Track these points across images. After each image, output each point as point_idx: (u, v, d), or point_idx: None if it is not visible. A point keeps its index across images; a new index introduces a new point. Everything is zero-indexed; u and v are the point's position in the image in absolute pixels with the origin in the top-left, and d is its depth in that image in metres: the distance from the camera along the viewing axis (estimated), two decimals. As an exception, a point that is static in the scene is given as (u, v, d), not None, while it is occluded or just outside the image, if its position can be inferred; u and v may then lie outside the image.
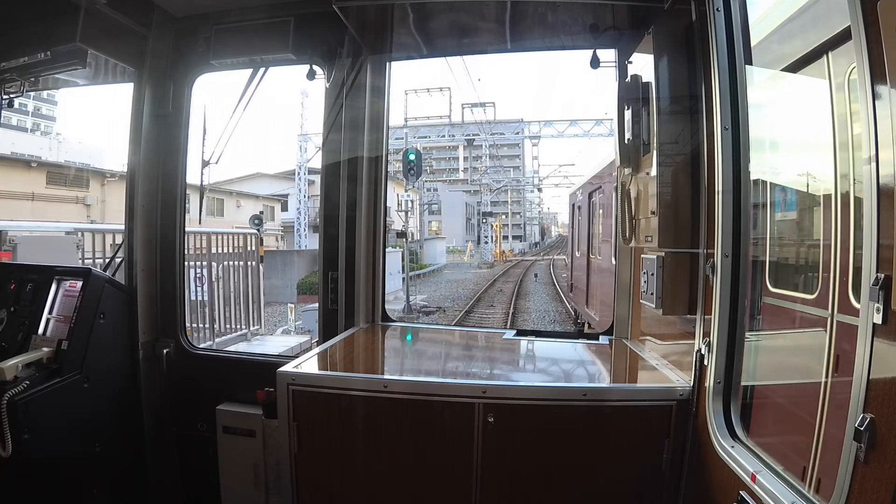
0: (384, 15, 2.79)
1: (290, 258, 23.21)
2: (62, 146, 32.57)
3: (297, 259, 23.20)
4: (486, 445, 2.01)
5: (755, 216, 1.84)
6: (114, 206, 21.93)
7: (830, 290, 2.38)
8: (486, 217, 43.41)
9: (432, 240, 39.92)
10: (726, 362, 1.84)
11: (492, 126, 31.25)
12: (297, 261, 22.83)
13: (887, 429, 1.11)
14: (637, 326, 2.80)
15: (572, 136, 28.57)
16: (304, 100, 28.70)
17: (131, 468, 2.87)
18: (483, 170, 43.96)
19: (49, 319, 2.53)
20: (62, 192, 21.10)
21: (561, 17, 2.67)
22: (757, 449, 1.69)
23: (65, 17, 2.47)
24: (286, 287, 21.06)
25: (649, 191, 2.23)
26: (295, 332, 11.69)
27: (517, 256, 50.54)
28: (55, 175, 21.52)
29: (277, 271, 21.77)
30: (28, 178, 20.00)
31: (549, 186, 73.24)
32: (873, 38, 1.13)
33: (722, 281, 1.81)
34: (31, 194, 19.45)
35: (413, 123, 30.22)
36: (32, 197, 19.40)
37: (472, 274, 31.87)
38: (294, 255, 23.91)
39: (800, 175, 2.60)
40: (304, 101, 28.66)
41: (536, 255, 55.07)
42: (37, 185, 20.07)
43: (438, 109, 37.60)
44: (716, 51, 1.83)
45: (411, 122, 30.25)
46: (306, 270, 22.57)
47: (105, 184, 22.97)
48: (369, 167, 2.95)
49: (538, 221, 79.32)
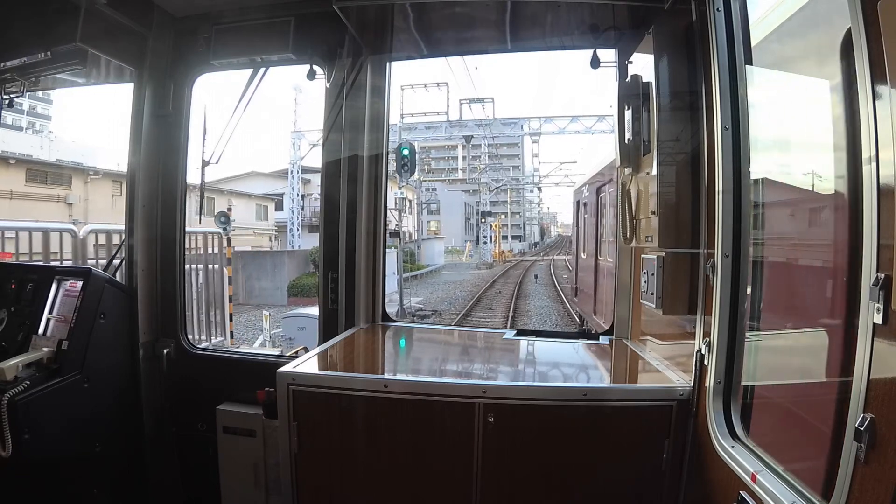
0: (384, 15, 2.79)
1: (281, 259, 22.91)
2: (54, 144, 32.15)
3: (288, 260, 22.94)
4: (486, 445, 2.01)
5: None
6: (98, 205, 21.49)
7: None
8: (485, 217, 42.83)
9: (430, 240, 39.75)
10: (726, 362, 1.84)
11: (491, 123, 30.81)
12: (287, 262, 22.57)
13: (887, 429, 1.11)
14: (637, 326, 2.80)
15: (574, 132, 27.97)
16: (298, 95, 28.27)
17: (131, 468, 2.87)
18: (482, 168, 43.48)
19: (49, 319, 2.53)
20: (42, 191, 20.49)
21: (561, 17, 2.67)
22: (757, 449, 1.69)
23: (65, 16, 2.47)
24: (276, 289, 20.76)
25: (649, 191, 2.23)
26: (271, 343, 10.78)
27: (516, 257, 50.12)
28: (35, 172, 20.87)
29: (267, 273, 21.50)
30: (6, 175, 19.29)
31: (549, 185, 72.92)
32: (873, 38, 1.13)
33: (722, 281, 1.81)
34: (10, 192, 18.88)
35: (410, 121, 29.77)
36: (10, 195, 18.83)
37: (471, 275, 31.41)
38: (285, 256, 23.59)
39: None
40: (297, 97, 28.27)
41: (536, 255, 54.62)
42: (15, 183, 19.44)
43: (436, 105, 37.02)
44: (716, 50, 1.83)
45: (408, 120, 29.79)
46: (298, 271, 22.33)
47: (88, 182, 22.47)
48: (369, 167, 2.96)
49: (538, 221, 79.01)
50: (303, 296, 19.35)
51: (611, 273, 10.60)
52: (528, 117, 30.83)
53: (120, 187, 22.62)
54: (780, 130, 1.93)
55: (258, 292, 21.10)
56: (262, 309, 17.62)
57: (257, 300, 20.44)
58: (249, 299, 20.67)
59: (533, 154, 52.02)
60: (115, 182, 22.67)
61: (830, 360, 1.63)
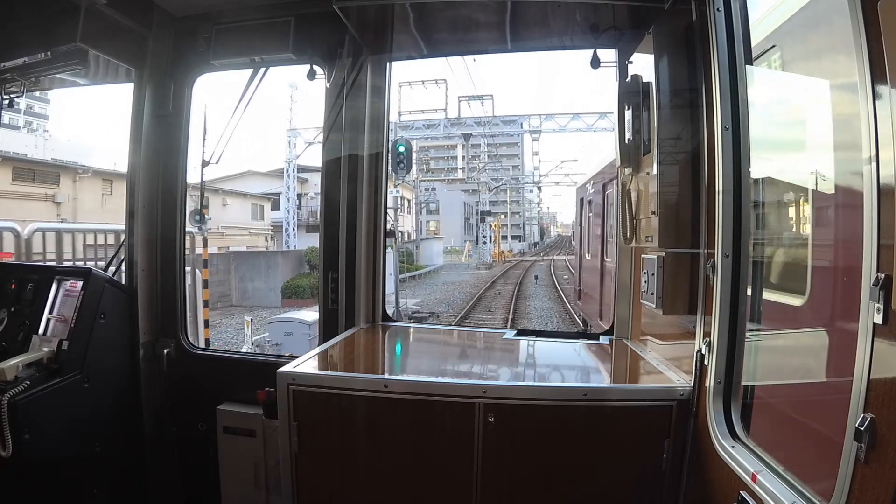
0: (384, 15, 2.79)
1: (275, 259, 22.63)
2: (48, 143, 31.61)
3: (283, 260, 22.65)
4: (486, 445, 2.01)
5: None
6: (86, 205, 20.98)
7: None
8: (485, 216, 42.41)
9: (429, 240, 39.60)
10: (726, 362, 1.85)
11: (490, 120, 30.32)
12: (281, 262, 22.31)
13: (888, 429, 1.11)
14: (637, 326, 2.80)
15: (575, 130, 27.09)
16: (294, 93, 27.93)
17: (131, 468, 2.87)
18: (481, 167, 42.88)
19: (49, 319, 2.53)
20: (29, 189, 19.83)
21: (561, 17, 2.67)
22: (757, 449, 1.69)
23: (65, 16, 2.47)
24: (270, 290, 20.46)
25: (650, 190, 2.23)
26: (258, 349, 10.20)
27: (516, 257, 49.85)
28: (22, 171, 20.25)
29: (261, 273, 21.17)
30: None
31: (549, 185, 72.43)
32: (873, 37, 1.13)
33: (722, 281, 1.81)
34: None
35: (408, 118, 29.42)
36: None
37: (470, 275, 31.21)
38: (279, 257, 23.30)
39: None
40: (293, 94, 27.98)
41: (536, 255, 54.35)
42: (2, 182, 18.78)
43: (434, 103, 36.14)
44: (716, 50, 1.83)
45: (406, 118, 29.40)
46: (292, 272, 22.08)
47: (77, 180, 21.90)
48: (370, 167, 2.96)
49: (537, 221, 78.73)
50: (297, 297, 19.22)
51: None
52: (528, 114, 30.25)
53: (111, 186, 22.23)
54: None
55: (252, 293, 20.92)
56: (255, 311, 17.34)
57: (251, 301, 20.28)
58: (243, 301, 20.52)
59: (533, 152, 51.99)
60: (106, 181, 22.29)
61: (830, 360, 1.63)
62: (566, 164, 46.62)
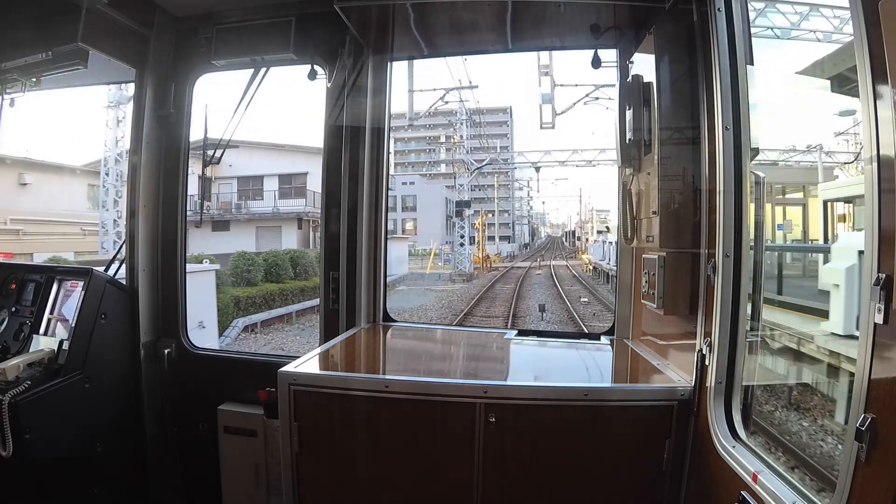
0: (385, 15, 2.78)
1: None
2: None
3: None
4: (487, 445, 2.01)
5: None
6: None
7: None
8: (462, 208, 29.88)
9: (389, 241, 34.93)
10: (727, 362, 1.85)
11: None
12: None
13: (888, 429, 1.11)
14: (638, 326, 2.80)
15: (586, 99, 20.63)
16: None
17: (132, 468, 2.87)
18: (457, 141, 30.64)
19: (50, 319, 2.54)
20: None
21: (562, 17, 2.67)
22: (758, 449, 1.70)
23: (66, 17, 2.48)
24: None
25: (650, 190, 2.23)
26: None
27: (506, 262, 40.54)
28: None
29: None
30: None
31: (546, 182, 68.82)
32: (874, 37, 1.14)
33: (723, 281, 1.82)
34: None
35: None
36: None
37: (436, 294, 21.17)
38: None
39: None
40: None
41: (529, 259, 44.56)
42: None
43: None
44: (717, 51, 1.83)
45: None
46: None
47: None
48: (370, 166, 2.96)
49: (528, 220, 74.03)
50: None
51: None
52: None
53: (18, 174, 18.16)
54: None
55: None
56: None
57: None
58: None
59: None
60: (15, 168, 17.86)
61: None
62: (574, 145, 37.16)
